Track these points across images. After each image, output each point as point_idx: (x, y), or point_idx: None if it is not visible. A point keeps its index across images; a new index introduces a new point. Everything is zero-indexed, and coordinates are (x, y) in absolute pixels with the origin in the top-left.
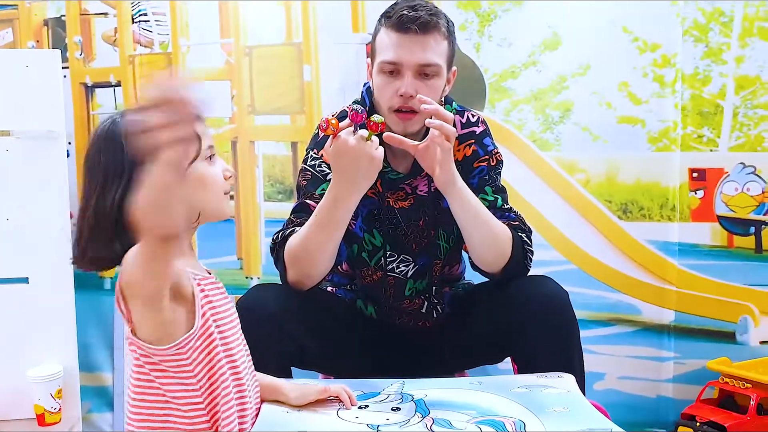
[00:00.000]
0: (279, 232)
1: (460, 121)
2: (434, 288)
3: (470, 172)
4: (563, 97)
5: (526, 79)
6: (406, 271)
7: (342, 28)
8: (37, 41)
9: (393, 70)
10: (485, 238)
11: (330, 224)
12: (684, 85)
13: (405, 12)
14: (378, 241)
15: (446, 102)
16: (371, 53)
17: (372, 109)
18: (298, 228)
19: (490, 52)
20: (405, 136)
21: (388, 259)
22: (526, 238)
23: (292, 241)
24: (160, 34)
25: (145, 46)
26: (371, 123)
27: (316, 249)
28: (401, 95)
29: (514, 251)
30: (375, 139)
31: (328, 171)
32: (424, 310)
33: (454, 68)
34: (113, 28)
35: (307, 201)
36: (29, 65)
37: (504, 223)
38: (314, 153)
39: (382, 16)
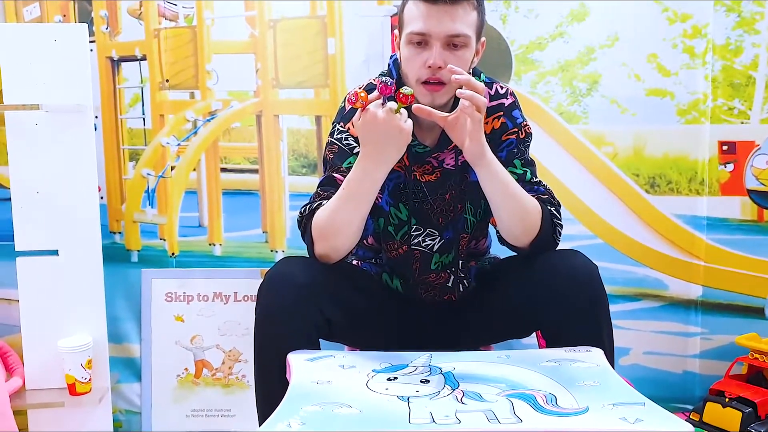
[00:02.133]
0: (306, 205)
1: (489, 93)
2: (460, 262)
3: (499, 144)
4: (591, 68)
5: (553, 51)
6: (432, 245)
7: (366, 0)
8: (64, 15)
9: (421, 41)
10: (514, 212)
11: (358, 197)
12: (715, 56)
13: None
14: (404, 214)
15: (474, 74)
16: (399, 24)
17: (399, 81)
18: (325, 201)
19: (517, 23)
20: (432, 108)
21: (414, 233)
22: (555, 212)
23: (319, 215)
24: (185, 8)
25: (170, 20)
26: (400, 95)
27: (344, 222)
28: (429, 66)
29: (543, 225)
30: (404, 111)
31: (354, 144)
32: (450, 284)
33: (482, 39)
34: (138, 2)
35: (334, 174)
36: (57, 39)
37: (533, 196)
38: (341, 126)
39: None
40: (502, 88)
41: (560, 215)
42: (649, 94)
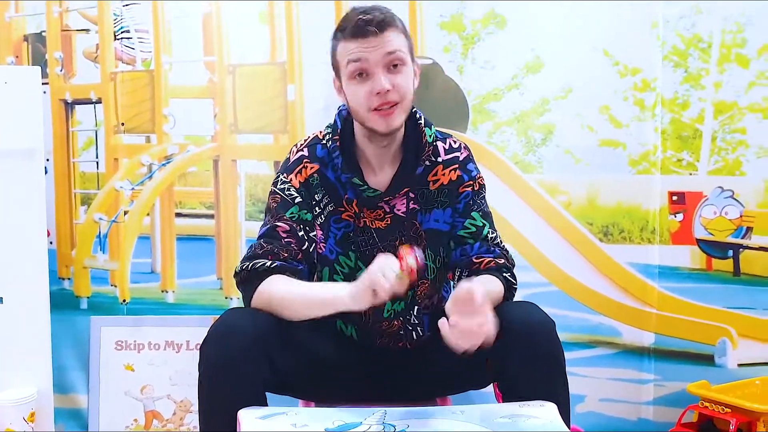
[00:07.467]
0: (247, 260)
1: (443, 147)
2: (416, 308)
3: (457, 196)
4: (545, 119)
5: (509, 102)
6: None
7: (327, 47)
8: (17, 57)
9: (362, 72)
10: None
11: (324, 306)
12: (664, 109)
13: (360, 17)
14: (353, 262)
15: (426, 125)
16: (334, 69)
17: (344, 131)
18: (268, 262)
19: (474, 74)
20: (389, 133)
21: None
22: (510, 278)
23: (274, 292)
24: (143, 51)
25: (127, 63)
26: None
27: (300, 315)
28: (377, 93)
29: (504, 298)
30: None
31: (296, 195)
32: (402, 332)
33: (418, 62)
34: (95, 45)
35: (277, 224)
36: (8, 81)
37: (489, 259)
38: (284, 177)
39: (336, 31)
40: (455, 142)
41: (515, 278)
42: (602, 144)
